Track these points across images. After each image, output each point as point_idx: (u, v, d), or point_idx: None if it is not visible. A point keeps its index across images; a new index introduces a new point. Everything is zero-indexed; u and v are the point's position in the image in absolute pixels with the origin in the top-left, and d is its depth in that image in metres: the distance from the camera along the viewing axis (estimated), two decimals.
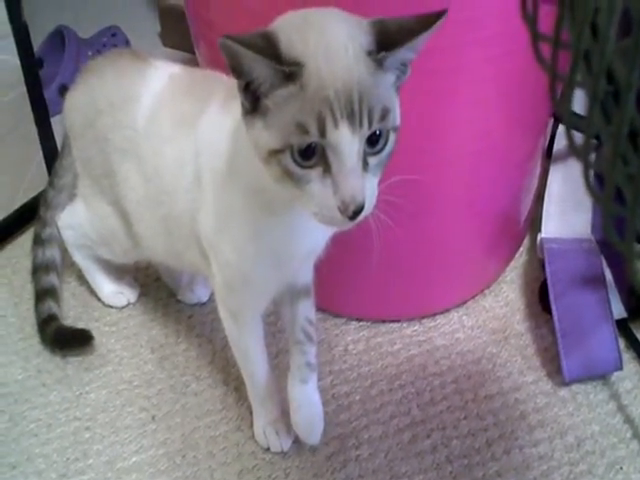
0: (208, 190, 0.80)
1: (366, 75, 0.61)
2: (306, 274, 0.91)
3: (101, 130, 0.96)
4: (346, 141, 0.60)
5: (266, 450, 0.98)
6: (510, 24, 0.84)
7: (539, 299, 1.18)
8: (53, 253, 1.16)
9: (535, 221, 1.23)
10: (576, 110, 0.43)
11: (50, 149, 1.33)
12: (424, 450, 0.98)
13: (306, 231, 0.78)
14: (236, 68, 0.61)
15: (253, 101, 0.63)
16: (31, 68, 1.27)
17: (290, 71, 0.60)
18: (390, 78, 0.64)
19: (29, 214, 1.25)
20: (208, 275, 0.90)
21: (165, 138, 0.87)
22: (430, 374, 1.09)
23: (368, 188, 0.63)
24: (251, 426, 1.00)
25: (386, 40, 0.61)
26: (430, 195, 1.00)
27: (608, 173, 0.33)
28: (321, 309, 1.15)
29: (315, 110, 0.60)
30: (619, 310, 1.08)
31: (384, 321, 1.16)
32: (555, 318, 1.06)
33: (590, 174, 0.37)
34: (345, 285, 1.13)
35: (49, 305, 1.13)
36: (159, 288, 1.23)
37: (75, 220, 1.11)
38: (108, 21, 1.82)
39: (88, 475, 0.96)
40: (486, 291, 1.22)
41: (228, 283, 0.86)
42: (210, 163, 0.79)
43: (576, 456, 0.97)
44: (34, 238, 1.17)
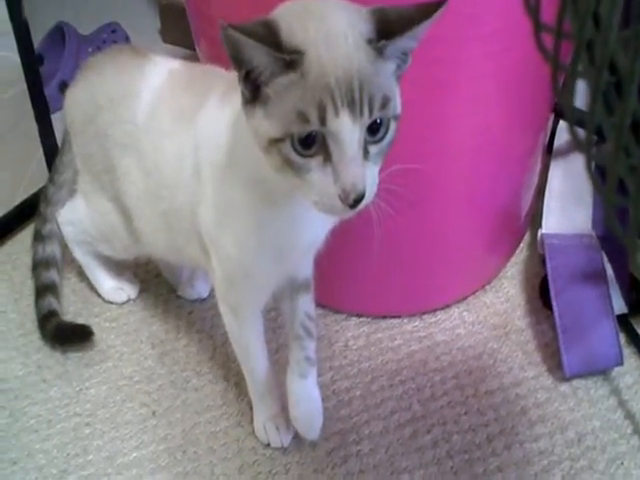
0: (208, 184, 0.80)
1: (366, 63, 0.61)
2: (306, 268, 0.91)
3: (101, 126, 0.96)
4: (347, 129, 0.60)
5: (266, 446, 0.98)
6: (511, 20, 0.84)
7: (540, 295, 1.18)
8: (53, 249, 1.16)
9: (536, 217, 1.23)
10: (577, 105, 0.43)
11: (50, 146, 1.33)
12: (425, 445, 0.98)
13: (307, 223, 0.78)
14: (236, 57, 0.60)
15: (253, 90, 0.63)
16: (31, 65, 1.27)
17: (291, 59, 0.60)
18: (390, 67, 0.64)
19: (29, 210, 1.25)
20: (208, 270, 0.90)
21: (165, 133, 0.87)
22: (431, 370, 1.09)
23: (369, 177, 0.63)
24: (251, 422, 1.00)
25: (386, 28, 0.61)
26: (430, 190, 1.00)
27: (610, 165, 0.32)
28: (321, 305, 1.15)
29: (316, 98, 0.59)
30: (620, 305, 1.08)
31: (384, 317, 1.16)
32: (556, 314, 1.06)
33: (592, 167, 0.37)
34: (345, 281, 1.13)
35: (49, 301, 1.13)
36: (159, 284, 1.23)
37: (75, 216, 1.11)
38: (108, 18, 1.82)
39: (88, 471, 0.96)
40: (487, 287, 1.22)
41: (228, 277, 0.86)
42: (209, 156, 0.79)
43: (577, 451, 0.97)
44: (34, 234, 1.17)
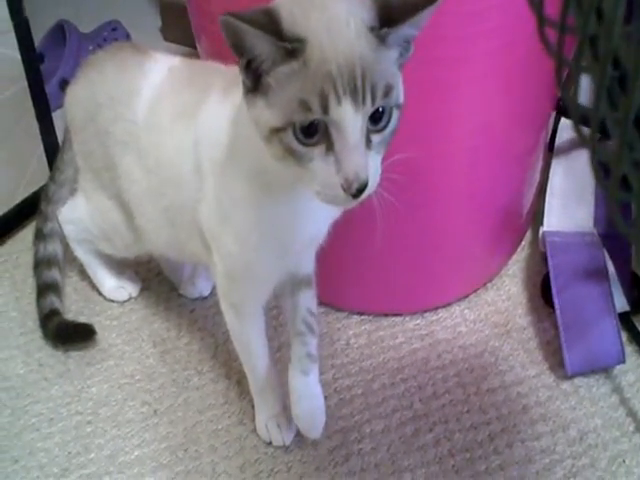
0: (209, 180, 0.80)
1: (368, 51, 0.60)
2: (308, 263, 0.91)
3: (102, 124, 0.96)
4: (349, 118, 0.60)
5: (268, 444, 0.98)
6: (513, 16, 0.84)
7: (541, 293, 1.18)
8: (55, 248, 1.16)
9: (537, 215, 1.23)
10: (580, 102, 0.43)
11: (51, 143, 1.33)
12: (426, 444, 0.98)
13: (308, 215, 0.78)
14: (237, 45, 0.60)
15: (254, 79, 0.62)
16: (32, 63, 1.27)
17: (292, 47, 0.59)
18: (393, 55, 0.63)
19: (30, 209, 1.25)
20: (210, 266, 0.90)
21: (166, 129, 0.87)
22: (432, 368, 1.08)
23: (372, 166, 0.63)
24: (253, 420, 1.00)
25: (388, 16, 0.61)
26: (431, 188, 1.00)
27: (615, 160, 0.32)
28: (323, 303, 1.14)
29: (317, 87, 0.59)
30: (621, 303, 1.08)
31: (386, 315, 1.16)
32: (557, 311, 1.06)
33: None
34: (347, 279, 1.12)
35: (51, 300, 1.13)
36: (161, 282, 1.23)
37: (76, 215, 1.11)
38: (109, 16, 1.81)
39: (90, 469, 0.96)
40: (488, 285, 1.22)
41: (230, 273, 0.86)
42: (209, 152, 0.79)
43: (578, 450, 0.97)
44: (36, 233, 1.16)
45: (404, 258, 1.08)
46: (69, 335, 1.11)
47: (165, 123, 0.87)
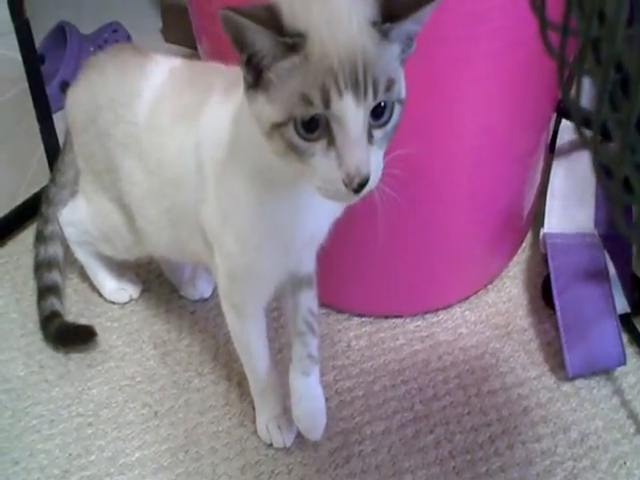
0: (210, 180, 0.80)
1: (370, 45, 0.60)
2: (309, 263, 0.90)
3: (103, 126, 0.96)
4: (350, 112, 0.60)
5: (269, 446, 0.98)
6: (515, 18, 0.84)
7: (542, 294, 1.18)
8: (55, 250, 1.16)
9: (538, 216, 1.22)
10: (581, 104, 0.42)
11: (52, 145, 1.33)
12: (427, 445, 0.98)
13: (309, 212, 0.77)
14: (238, 41, 0.60)
15: (255, 75, 0.62)
16: (33, 64, 1.27)
17: (293, 42, 0.59)
18: (395, 50, 0.63)
19: (31, 210, 1.25)
20: (211, 266, 0.90)
21: (167, 130, 0.87)
22: (433, 369, 1.08)
23: (373, 161, 0.62)
24: (254, 422, 1.00)
25: (391, 11, 0.60)
26: (432, 189, 1.00)
27: (616, 162, 0.32)
28: (324, 305, 1.14)
29: (319, 81, 0.59)
30: (622, 305, 1.08)
31: (387, 317, 1.16)
32: (558, 313, 1.06)
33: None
34: (348, 281, 1.12)
35: (52, 302, 1.13)
36: (161, 284, 1.23)
37: (76, 217, 1.11)
38: (109, 17, 1.82)
39: (91, 471, 0.96)
40: (489, 286, 1.22)
41: (231, 274, 0.86)
42: (210, 152, 0.79)
43: (579, 451, 0.97)
44: (36, 235, 1.16)
45: (405, 258, 1.08)
46: (70, 337, 1.11)
47: (166, 124, 0.87)
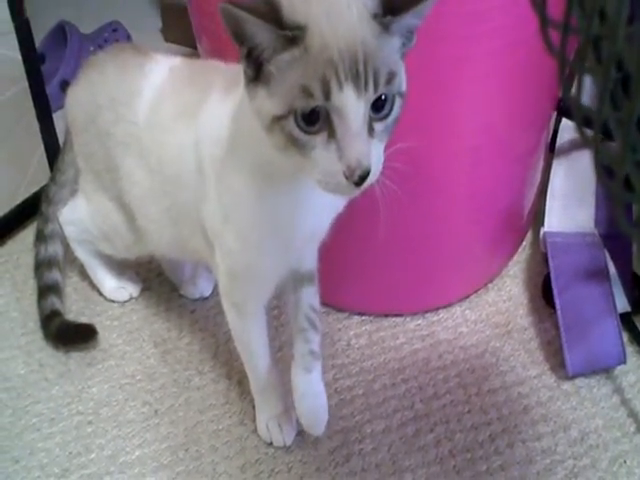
0: (210, 178, 0.80)
1: (371, 37, 0.60)
2: (310, 259, 0.90)
3: (103, 125, 0.96)
4: (351, 104, 0.59)
5: (269, 444, 0.98)
6: (516, 17, 0.84)
7: (542, 293, 1.18)
8: (56, 249, 1.16)
9: (538, 215, 1.22)
10: (582, 102, 0.42)
11: (52, 144, 1.33)
12: (427, 444, 0.98)
13: (310, 207, 0.77)
14: (238, 34, 0.60)
15: (255, 68, 0.62)
16: (33, 63, 1.27)
17: (293, 35, 0.59)
18: (396, 43, 0.63)
19: (31, 209, 1.25)
20: (212, 265, 0.90)
21: (168, 129, 0.87)
22: (433, 368, 1.08)
23: (374, 154, 0.62)
24: (254, 420, 1.00)
25: (392, 4, 0.60)
26: (432, 188, 1.00)
27: (617, 161, 0.32)
28: (324, 303, 1.14)
29: (319, 73, 0.59)
30: (623, 304, 1.08)
31: (387, 315, 1.16)
32: (558, 312, 1.06)
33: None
34: (348, 279, 1.12)
35: (52, 301, 1.13)
36: (162, 283, 1.23)
37: (76, 216, 1.11)
38: (110, 16, 1.82)
39: (91, 469, 0.96)
40: (489, 285, 1.22)
41: (232, 272, 0.86)
42: (210, 150, 0.79)
43: (579, 450, 0.97)
44: (36, 234, 1.16)
45: (405, 257, 1.07)
46: (70, 336, 1.11)
47: (166, 122, 0.87)
